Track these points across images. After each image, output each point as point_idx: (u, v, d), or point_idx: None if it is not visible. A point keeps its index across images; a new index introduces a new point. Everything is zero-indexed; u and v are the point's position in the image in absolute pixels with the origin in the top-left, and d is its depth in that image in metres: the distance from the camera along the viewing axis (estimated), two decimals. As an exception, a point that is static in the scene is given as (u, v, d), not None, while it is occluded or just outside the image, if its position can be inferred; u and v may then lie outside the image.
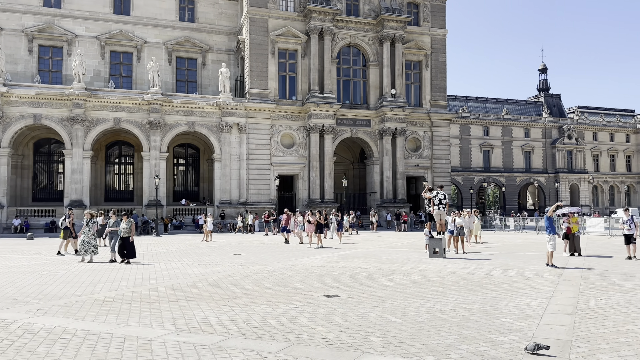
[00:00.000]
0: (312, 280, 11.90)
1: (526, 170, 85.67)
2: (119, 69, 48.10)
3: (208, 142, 46.06)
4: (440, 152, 50.12)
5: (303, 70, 46.69)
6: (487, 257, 17.20)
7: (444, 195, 16.88)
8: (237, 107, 44.18)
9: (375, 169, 48.52)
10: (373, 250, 20.67)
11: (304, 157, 46.27)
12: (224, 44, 50.11)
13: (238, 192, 44.36)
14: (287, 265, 15.29)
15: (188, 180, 51.45)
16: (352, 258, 17.31)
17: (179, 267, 15.48)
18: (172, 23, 48.71)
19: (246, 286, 11.20)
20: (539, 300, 8.87)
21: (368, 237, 31.45)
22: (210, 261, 17.20)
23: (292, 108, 45.93)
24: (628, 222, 15.99)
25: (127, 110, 42.37)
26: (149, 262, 17.30)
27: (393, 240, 27.45)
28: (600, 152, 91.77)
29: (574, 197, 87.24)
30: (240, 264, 16.21)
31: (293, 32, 46.24)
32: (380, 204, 47.28)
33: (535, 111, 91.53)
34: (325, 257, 17.96)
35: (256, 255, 19.36)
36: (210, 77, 49.30)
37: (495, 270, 13.44)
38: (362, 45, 48.33)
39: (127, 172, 49.92)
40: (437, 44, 50.66)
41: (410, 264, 15.21)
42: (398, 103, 47.21)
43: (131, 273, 13.90)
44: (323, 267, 14.58)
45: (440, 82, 50.62)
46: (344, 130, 47.32)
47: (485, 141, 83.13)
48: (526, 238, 28.90)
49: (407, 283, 11.28)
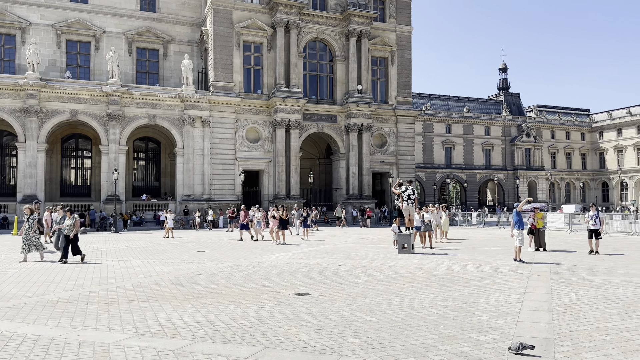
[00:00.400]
0: (281, 278, 11.49)
1: (486, 167, 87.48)
2: (76, 59, 46.16)
3: (170, 136, 44.81)
4: (405, 148, 50.41)
5: (269, 64, 45.98)
6: (454, 252, 17.19)
7: (412, 190, 16.76)
8: (201, 100, 43.11)
9: (341, 164, 48.36)
10: (341, 246, 20.41)
11: (269, 152, 45.63)
12: (186, 35, 48.81)
13: (201, 188, 43.35)
14: (254, 263, 14.81)
15: (149, 175, 49.97)
16: (321, 254, 16.98)
17: (140, 265, 14.77)
18: (133, 12, 47.06)
19: (212, 285, 10.68)
20: (513, 297, 8.75)
21: (334, 233, 31.22)
22: (172, 259, 16.53)
23: (258, 102, 45.19)
24: (594, 217, 16.26)
25: (84, 101, 40.68)
26: (108, 259, 16.48)
27: (359, 236, 27.29)
28: (557, 150, 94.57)
29: (532, 194, 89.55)
30: (204, 261, 15.62)
31: (258, 25, 45.45)
32: (346, 200, 47.18)
33: (496, 109, 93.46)
34: (293, 253, 17.56)
35: (221, 252, 18.77)
36: (172, 69, 47.94)
37: (465, 265, 13.37)
38: (329, 40, 47.99)
39: (84, 167, 48.04)
40: (402, 40, 50.85)
41: (380, 259, 15.00)
42: (364, 99, 47.15)
43: (88, 272, 13.13)
44: (291, 264, 14.18)
45: (405, 79, 50.86)
46: (310, 126, 46.92)
47: (448, 138, 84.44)
48: (489, 233, 29.29)
49: (379, 279, 11.02)
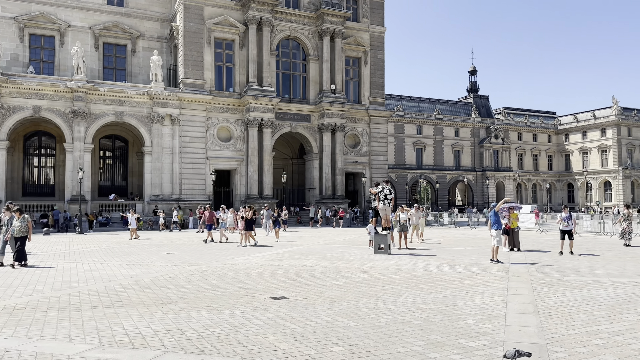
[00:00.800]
0: (256, 281, 11.01)
1: (456, 168, 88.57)
2: (40, 53, 44.42)
3: (138, 134, 43.58)
4: (379, 148, 50.38)
5: (241, 62, 45.24)
6: (430, 253, 17.00)
7: (389, 190, 16.48)
8: (170, 97, 42.06)
9: (314, 164, 47.98)
10: (315, 247, 20.00)
11: (241, 151, 44.89)
12: (156, 31, 47.60)
13: (170, 187, 42.30)
14: (226, 265, 14.26)
15: (116, 174, 48.51)
16: (296, 255, 16.53)
17: (105, 268, 14.04)
18: (100, 7, 45.60)
19: (182, 289, 10.12)
20: (497, 299, 8.51)
21: (307, 234, 30.80)
22: (140, 261, 15.82)
23: (230, 100, 44.39)
24: (566, 218, 16.30)
25: (48, 97, 39.15)
26: (71, 262, 15.66)
27: (333, 237, 26.96)
28: (524, 152, 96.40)
29: (500, 194, 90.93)
30: (174, 263, 14.98)
31: (230, 22, 44.66)
32: (320, 200, 46.82)
33: (465, 111, 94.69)
34: (267, 255, 17.07)
35: (191, 254, 18.12)
36: (140, 65, 46.67)
37: (442, 266, 13.15)
38: (302, 39, 47.55)
39: (48, 165, 46.28)
40: (375, 41, 50.81)
41: (357, 261, 14.66)
42: (338, 99, 46.89)
43: (49, 275, 12.36)
44: (266, 266, 13.70)
45: (378, 80, 50.84)
46: (283, 125, 46.38)
47: (419, 139, 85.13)
48: (462, 234, 29.37)
49: (357, 282, 10.66)
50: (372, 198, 17.49)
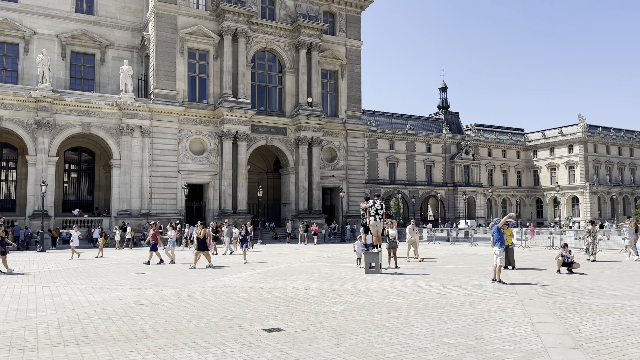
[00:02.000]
0: (243, 308, 9.72)
1: (428, 183, 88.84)
2: (2, 61, 42.16)
3: (105, 146, 41.65)
4: (355, 162, 49.59)
5: (215, 73, 43.95)
6: (423, 272, 15.99)
7: (380, 205, 15.46)
8: (141, 108, 40.36)
9: (290, 178, 46.79)
10: (298, 266, 18.75)
11: (215, 164, 43.37)
12: (126, 40, 45.92)
13: (140, 202, 40.38)
14: (205, 288, 12.90)
15: (81, 188, 46.20)
16: (280, 276, 15.26)
17: (68, 292, 12.49)
18: (68, 14, 43.74)
19: (158, 319, 8.77)
20: (524, 329, 7.50)
21: (285, 250, 29.48)
22: (108, 283, 14.28)
23: (203, 112, 42.95)
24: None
25: (10, 107, 36.99)
26: (29, 284, 14.01)
27: (314, 254, 25.72)
28: (494, 167, 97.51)
29: (471, 210, 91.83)
30: (146, 286, 13.52)
31: (205, 32, 43.42)
32: (296, 215, 45.56)
33: (436, 127, 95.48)
34: (248, 275, 15.73)
35: (164, 274, 16.63)
36: (110, 75, 44.84)
37: (444, 287, 12.12)
38: (278, 51, 46.65)
39: (9, 179, 43.70)
40: (352, 54, 50.34)
41: (349, 282, 13.50)
42: (314, 112, 46.00)
43: (2, 302, 10.79)
44: (250, 289, 12.40)
45: (355, 93, 50.28)
46: (258, 138, 45.13)
47: (391, 155, 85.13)
48: (445, 249, 28.55)
49: (357, 307, 9.51)
50: (362, 213, 16.42)
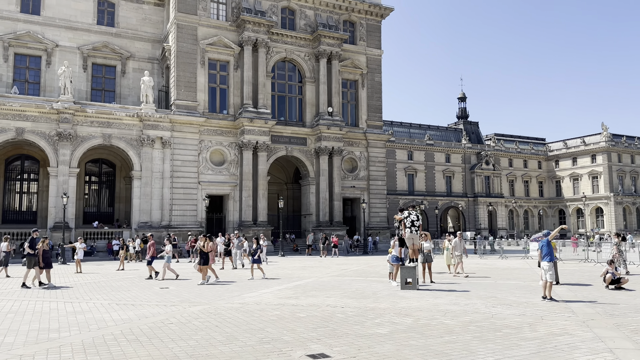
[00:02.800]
0: (279, 329, 8.99)
1: (447, 194, 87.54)
2: (25, 74, 42.44)
3: (126, 158, 41.51)
4: (377, 173, 48.76)
5: (235, 83, 43.69)
6: (462, 287, 15.08)
7: (416, 216, 14.66)
8: (161, 119, 40.18)
9: (311, 189, 46.12)
10: (327, 280, 17.97)
11: (235, 175, 42.93)
12: (147, 52, 45.98)
13: (160, 214, 40.03)
14: (234, 304, 12.20)
15: (102, 200, 46.09)
16: (311, 291, 14.50)
17: (92, 309, 11.90)
18: (89, 26, 43.96)
19: (190, 341, 8.08)
20: (604, 356, 6.61)
21: (308, 263, 28.69)
22: (132, 299, 13.67)
23: (223, 123, 42.63)
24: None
25: (32, 119, 37.06)
26: (51, 300, 13.46)
27: (340, 267, 24.91)
28: (515, 178, 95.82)
29: (492, 221, 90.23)
30: (172, 302, 12.87)
31: (225, 42, 43.25)
32: (316, 227, 44.79)
33: (455, 137, 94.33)
34: (277, 290, 15.00)
35: (189, 289, 15.99)
36: (130, 87, 44.86)
37: (493, 306, 11.24)
38: (298, 61, 46.27)
39: (30, 191, 43.78)
40: (372, 63, 49.76)
41: (386, 299, 12.69)
42: (335, 121, 45.40)
43: (23, 321, 10.22)
44: (283, 306, 11.66)
45: (376, 102, 49.59)
46: (278, 148, 44.63)
47: (410, 165, 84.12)
48: (476, 263, 27.49)
49: (405, 329, 8.71)
50: (396, 225, 15.63)
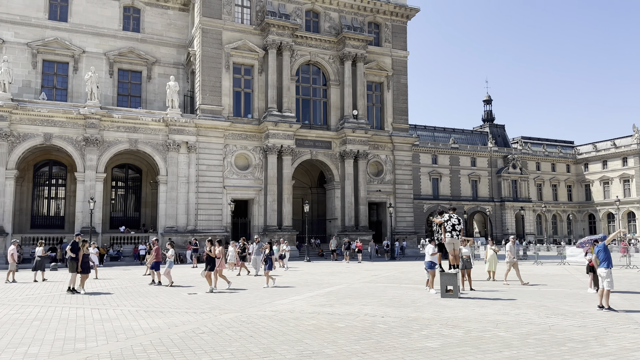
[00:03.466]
0: (318, 340, 8.33)
1: (473, 199, 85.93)
2: (53, 80, 42.87)
3: (152, 163, 41.50)
4: (403, 176, 47.82)
5: (260, 87, 43.39)
6: (507, 295, 14.19)
7: (457, 219, 13.85)
8: (187, 123, 40.07)
9: (336, 193, 45.44)
10: (359, 287, 17.26)
11: (260, 180, 42.55)
12: (172, 57, 46.05)
13: (186, 218, 39.86)
14: (267, 312, 11.58)
15: (128, 205, 46.20)
16: (345, 299, 13.81)
17: (119, 315, 11.43)
18: (115, 32, 44.24)
19: (225, 354, 7.48)
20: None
21: (336, 268, 27.97)
22: (160, 305, 13.19)
23: (248, 127, 42.34)
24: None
25: (60, 124, 37.30)
26: (77, 306, 13.08)
27: (370, 273, 24.14)
28: (543, 182, 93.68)
29: (519, 226, 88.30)
30: (202, 309, 12.33)
31: (249, 46, 43.02)
32: (342, 231, 44.06)
33: (481, 141, 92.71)
34: (309, 297, 14.35)
35: (217, 295, 15.46)
36: (156, 92, 44.95)
37: (546, 316, 10.39)
38: (323, 64, 45.75)
39: (58, 196, 44.10)
40: (398, 65, 48.93)
41: (427, 308, 11.92)
42: (360, 124, 44.68)
43: (49, 328, 9.78)
44: (318, 315, 11.00)
45: (402, 105, 48.72)
46: (303, 152, 44.11)
47: (434, 169, 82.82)
48: (511, 269, 26.32)
49: (457, 343, 7.97)
50: (435, 229, 14.84)
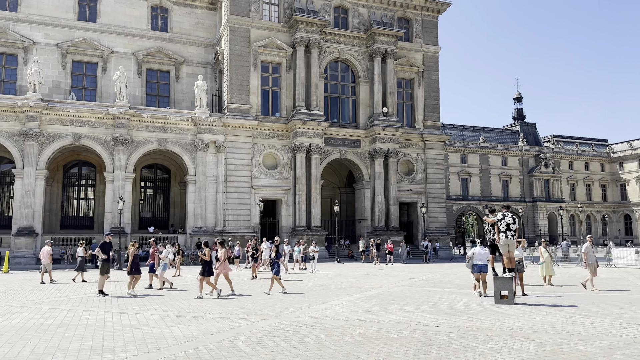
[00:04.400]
0: (372, 355, 7.37)
1: (504, 199, 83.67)
2: (82, 80, 42.99)
3: (180, 163, 41.20)
4: (435, 175, 46.43)
5: (288, 85, 42.67)
6: (565, 301, 12.98)
7: (512, 218, 12.71)
8: (215, 123, 39.60)
9: (365, 193, 44.37)
10: (399, 291, 16.22)
11: (288, 179, 41.80)
12: (200, 56, 45.73)
13: (214, 219, 39.37)
14: (307, 319, 10.68)
15: (156, 205, 46.05)
16: (388, 304, 12.81)
17: (150, 321, 10.69)
18: (143, 32, 44.13)
19: (269, 368, 6.61)
20: None
21: (369, 270, 26.94)
22: (192, 310, 12.43)
23: (276, 125, 41.64)
24: None
25: (89, 125, 37.24)
26: (106, 310, 12.42)
27: (406, 276, 23.04)
28: (576, 181, 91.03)
29: (552, 227, 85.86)
30: (237, 315, 11.51)
31: (277, 44, 42.34)
32: (372, 232, 42.97)
33: (512, 139, 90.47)
34: (349, 302, 13.40)
35: (253, 299, 14.64)
36: (184, 92, 44.68)
37: (623, 327, 9.22)
38: (351, 61, 44.76)
39: (87, 197, 44.22)
40: (429, 61, 47.59)
41: (483, 315, 10.84)
42: (390, 122, 43.51)
43: (75, 336, 9.07)
44: (364, 323, 10.04)
45: (433, 102, 47.35)
46: (332, 151, 43.19)
47: (464, 169, 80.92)
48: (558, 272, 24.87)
49: (534, 359, 6.92)
50: (488, 229, 13.72)
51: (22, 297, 15.57)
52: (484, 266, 13.93)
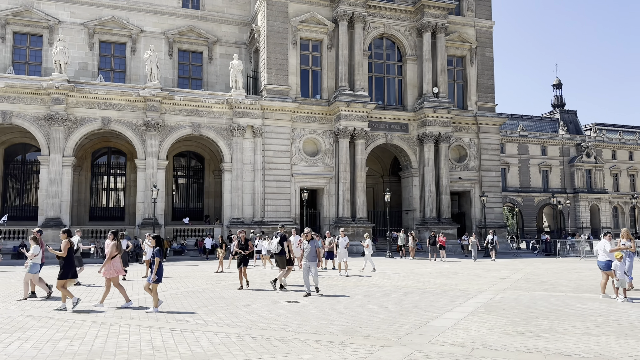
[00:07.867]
0: None
1: (544, 190, 79.41)
2: (110, 62, 40.34)
3: (215, 150, 38.27)
4: (490, 162, 42.41)
5: (329, 64, 39.17)
6: None
7: None
8: (252, 105, 36.42)
9: (413, 181, 40.70)
10: (517, 298, 12.63)
11: (330, 167, 38.43)
12: (234, 36, 42.58)
13: (252, 209, 36.31)
14: (445, 346, 7.28)
15: (190, 195, 43.28)
16: (533, 320, 9.30)
17: (218, 347, 7.45)
18: (174, 10, 41.19)
19: None
20: None
21: (437, 268, 23.43)
22: (264, 322, 9.18)
23: (317, 108, 38.24)
24: None
25: (118, 108, 34.48)
26: (150, 324, 9.26)
27: (494, 276, 19.39)
28: (619, 171, 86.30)
29: (594, 219, 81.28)
30: (331, 332, 8.19)
31: (318, 19, 38.84)
32: (422, 224, 39.35)
33: (552, 128, 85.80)
34: (467, 314, 9.95)
35: (332, 305, 11.31)
36: (217, 74, 41.64)
37: None
38: (398, 37, 40.96)
39: (117, 187, 41.67)
40: (482, 37, 43.45)
41: None
42: (442, 104, 39.66)
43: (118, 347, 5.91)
44: (521, 354, 6.62)
45: (487, 81, 43.24)
46: (377, 136, 39.60)
47: (502, 159, 76.17)
48: None
49: None
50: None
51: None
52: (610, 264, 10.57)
